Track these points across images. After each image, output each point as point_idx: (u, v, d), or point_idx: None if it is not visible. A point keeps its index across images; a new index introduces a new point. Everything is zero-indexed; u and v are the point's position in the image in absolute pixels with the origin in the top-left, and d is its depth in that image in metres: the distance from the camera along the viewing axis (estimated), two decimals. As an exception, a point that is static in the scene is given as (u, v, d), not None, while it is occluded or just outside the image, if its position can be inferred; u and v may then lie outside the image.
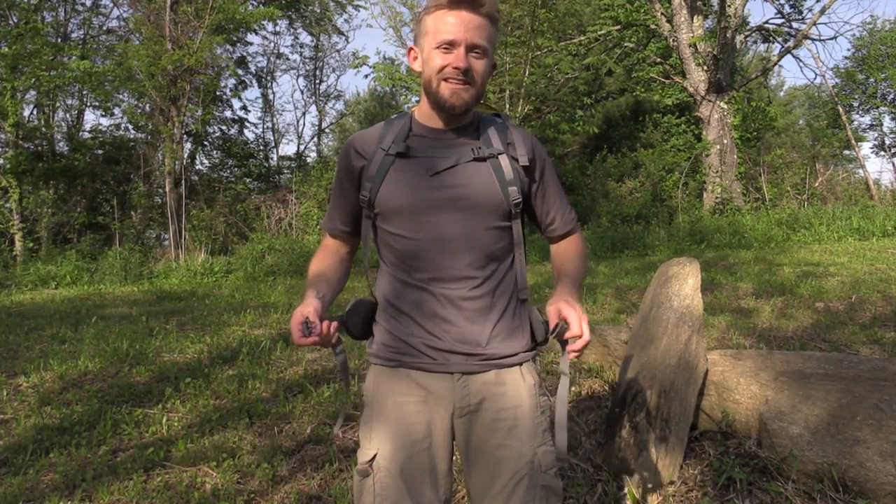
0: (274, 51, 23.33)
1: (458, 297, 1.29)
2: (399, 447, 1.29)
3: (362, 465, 1.31)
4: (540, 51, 13.91)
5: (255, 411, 3.46)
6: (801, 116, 27.14)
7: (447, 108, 1.28)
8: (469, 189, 1.28)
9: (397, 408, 1.32)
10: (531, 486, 1.28)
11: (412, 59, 1.34)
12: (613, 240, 10.88)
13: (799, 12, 14.66)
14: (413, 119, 1.36)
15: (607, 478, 2.39)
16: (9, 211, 13.57)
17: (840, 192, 14.89)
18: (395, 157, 1.30)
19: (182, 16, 14.77)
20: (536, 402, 1.34)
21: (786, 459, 2.26)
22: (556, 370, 3.75)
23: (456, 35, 1.23)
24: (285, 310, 6.62)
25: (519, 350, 1.34)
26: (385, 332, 1.36)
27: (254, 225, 14.42)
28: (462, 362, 1.30)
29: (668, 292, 2.86)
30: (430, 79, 1.27)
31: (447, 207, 1.28)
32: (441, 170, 1.29)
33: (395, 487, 1.27)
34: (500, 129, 1.36)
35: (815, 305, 5.11)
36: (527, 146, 1.36)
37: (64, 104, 17.03)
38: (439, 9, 1.25)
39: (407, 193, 1.28)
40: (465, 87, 1.26)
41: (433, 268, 1.29)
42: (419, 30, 1.31)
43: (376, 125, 1.40)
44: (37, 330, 5.89)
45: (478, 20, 1.25)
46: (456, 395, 1.31)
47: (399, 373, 1.33)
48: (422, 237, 1.29)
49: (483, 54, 1.27)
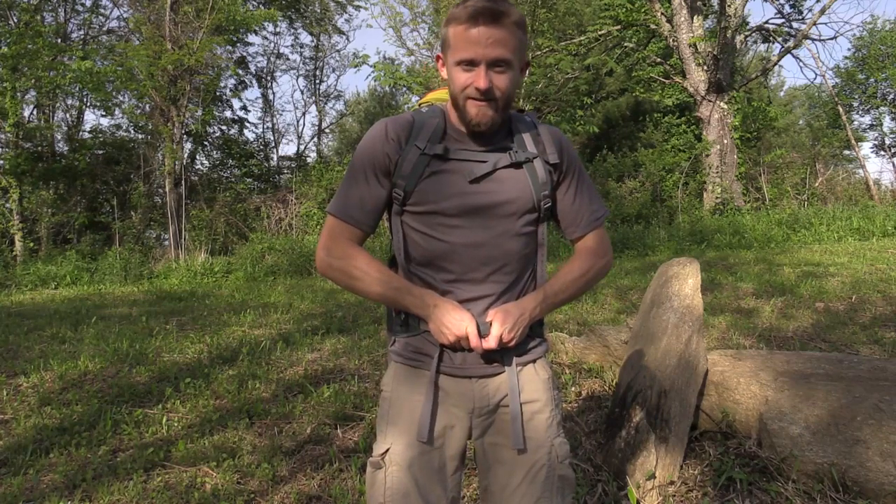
0: (274, 51, 23.36)
1: (482, 300, 1.31)
2: (411, 444, 1.31)
3: (375, 458, 1.33)
4: (540, 51, 13.91)
5: (255, 411, 3.45)
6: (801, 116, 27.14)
7: (472, 126, 1.27)
8: (506, 196, 1.29)
9: (413, 407, 1.33)
10: (549, 476, 1.31)
11: (440, 67, 1.32)
12: (614, 240, 10.87)
13: (799, 12, 14.67)
14: (447, 118, 1.33)
15: (607, 478, 2.39)
16: (9, 211, 13.57)
17: (840, 192, 14.90)
18: (432, 158, 1.28)
19: (182, 16, 14.77)
20: (551, 395, 1.37)
21: (786, 459, 2.26)
22: (557, 368, 3.75)
23: (475, 54, 1.20)
24: (285, 310, 6.62)
25: (531, 346, 1.37)
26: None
27: (254, 225, 14.41)
28: (479, 366, 1.32)
29: (668, 292, 2.86)
30: (456, 96, 1.26)
31: (483, 213, 1.28)
32: (479, 176, 1.28)
33: (405, 482, 1.29)
34: (530, 129, 1.35)
35: (815, 305, 5.11)
36: (556, 144, 1.35)
37: (64, 104, 17.04)
38: (459, 24, 1.21)
39: (445, 197, 1.27)
40: (489, 105, 1.23)
41: (459, 270, 1.30)
42: (442, 39, 1.29)
43: (405, 115, 1.35)
44: (37, 330, 5.90)
45: (499, 33, 1.20)
46: (476, 397, 1.33)
47: (419, 373, 1.35)
48: (453, 240, 1.29)
49: (507, 67, 1.22)
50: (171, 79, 14.30)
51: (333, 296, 7.68)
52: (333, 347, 4.80)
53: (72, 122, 17.54)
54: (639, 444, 2.37)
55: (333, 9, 22.20)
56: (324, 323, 5.80)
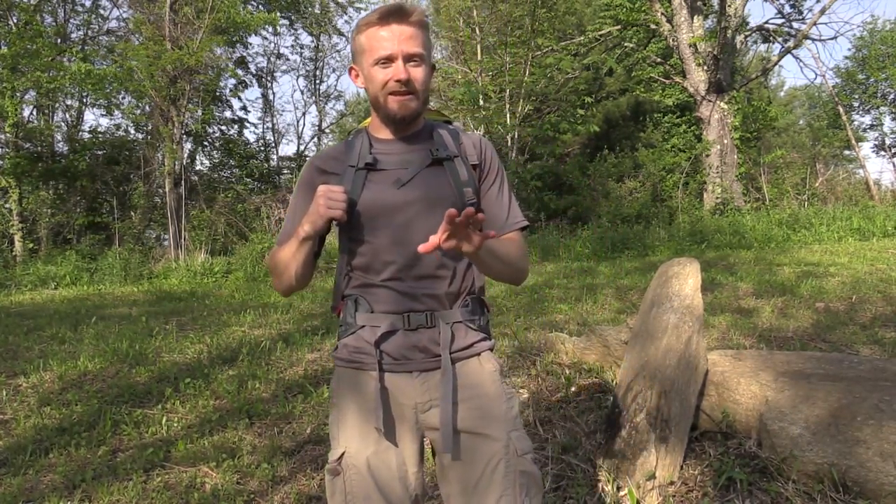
0: (274, 51, 23.36)
1: (420, 295, 1.33)
2: (365, 445, 1.31)
3: (332, 465, 1.33)
4: (540, 51, 13.91)
5: (255, 411, 3.45)
6: (801, 116, 27.17)
7: (397, 120, 1.34)
8: (429, 192, 1.35)
9: (360, 406, 1.34)
10: (508, 472, 1.28)
11: (354, 77, 1.40)
12: (613, 240, 10.87)
13: (799, 12, 14.67)
14: (369, 134, 1.42)
15: (607, 478, 2.39)
16: (9, 211, 13.57)
17: (840, 192, 14.90)
18: (367, 171, 1.36)
19: (182, 16, 14.77)
20: (500, 388, 1.36)
21: (786, 460, 2.26)
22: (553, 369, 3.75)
23: (391, 49, 1.28)
24: (285, 310, 6.62)
25: (474, 341, 1.37)
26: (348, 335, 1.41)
27: (254, 225, 14.42)
28: (420, 360, 1.33)
29: (668, 292, 2.86)
30: (377, 95, 1.33)
31: (411, 210, 1.33)
32: (406, 181, 1.35)
33: (364, 484, 1.29)
34: (453, 134, 1.42)
35: (815, 305, 5.11)
36: (477, 147, 1.42)
37: (63, 104, 17.03)
38: (370, 26, 1.30)
39: (379, 204, 1.34)
40: (409, 97, 1.32)
41: (397, 266, 1.33)
42: (355, 49, 1.36)
43: (335, 145, 1.46)
44: (37, 330, 5.90)
45: (409, 30, 1.29)
46: (416, 392, 1.34)
47: (360, 374, 1.36)
48: (389, 240, 1.33)
49: (420, 61, 1.31)
50: (171, 79, 14.29)
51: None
52: (333, 347, 4.79)
53: (71, 122, 17.54)
54: (639, 444, 2.37)
55: (334, 10, 22.18)
56: (324, 323, 5.80)
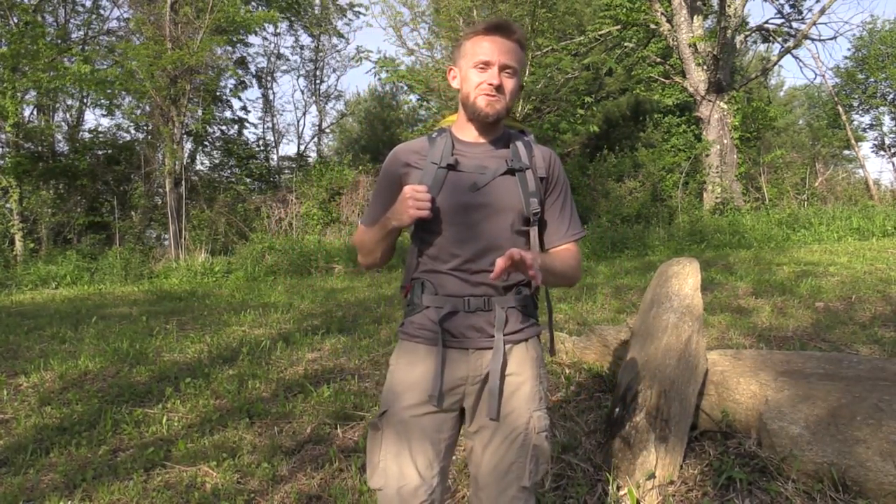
0: (274, 51, 23.31)
1: (480, 283, 1.49)
2: (406, 407, 1.47)
3: (374, 420, 1.50)
4: (540, 51, 13.91)
5: (255, 411, 3.46)
6: (801, 116, 27.14)
7: (482, 117, 1.50)
8: (499, 198, 1.51)
9: (411, 376, 1.50)
10: (524, 444, 1.48)
11: (451, 77, 1.58)
12: (613, 239, 10.87)
13: (799, 12, 14.66)
14: (452, 135, 1.57)
15: (607, 478, 2.39)
16: (9, 211, 13.56)
17: (840, 192, 14.89)
18: (447, 171, 1.51)
19: (182, 16, 14.76)
20: (537, 372, 1.54)
21: (786, 459, 2.26)
22: (552, 369, 3.75)
23: (490, 56, 1.46)
24: (285, 310, 6.62)
25: (524, 326, 1.54)
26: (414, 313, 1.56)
27: (254, 225, 14.41)
28: (476, 338, 1.50)
29: (668, 292, 2.86)
30: (469, 93, 1.50)
31: (481, 213, 1.50)
32: (481, 186, 1.50)
33: (398, 440, 1.45)
34: (526, 146, 1.58)
35: (814, 305, 5.12)
36: (546, 161, 1.58)
37: (64, 104, 17.03)
38: (476, 34, 1.49)
39: (454, 204, 1.50)
40: (497, 99, 1.48)
41: (461, 259, 1.49)
42: (458, 53, 1.54)
43: (418, 139, 1.60)
44: (37, 330, 5.90)
45: (509, 45, 1.47)
46: (470, 367, 1.50)
47: (419, 347, 1.52)
48: (457, 236, 1.50)
49: (513, 74, 1.49)
50: (172, 79, 14.29)
51: (333, 296, 7.69)
52: (333, 347, 4.80)
53: (72, 122, 17.53)
54: (639, 443, 2.37)
55: (333, 10, 22.16)
56: (324, 323, 5.80)
